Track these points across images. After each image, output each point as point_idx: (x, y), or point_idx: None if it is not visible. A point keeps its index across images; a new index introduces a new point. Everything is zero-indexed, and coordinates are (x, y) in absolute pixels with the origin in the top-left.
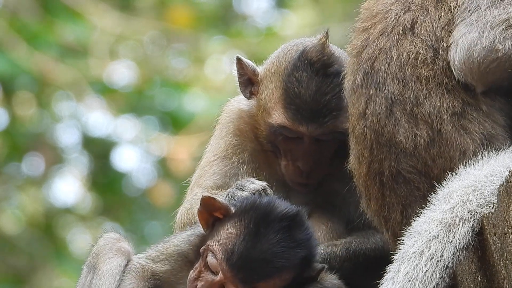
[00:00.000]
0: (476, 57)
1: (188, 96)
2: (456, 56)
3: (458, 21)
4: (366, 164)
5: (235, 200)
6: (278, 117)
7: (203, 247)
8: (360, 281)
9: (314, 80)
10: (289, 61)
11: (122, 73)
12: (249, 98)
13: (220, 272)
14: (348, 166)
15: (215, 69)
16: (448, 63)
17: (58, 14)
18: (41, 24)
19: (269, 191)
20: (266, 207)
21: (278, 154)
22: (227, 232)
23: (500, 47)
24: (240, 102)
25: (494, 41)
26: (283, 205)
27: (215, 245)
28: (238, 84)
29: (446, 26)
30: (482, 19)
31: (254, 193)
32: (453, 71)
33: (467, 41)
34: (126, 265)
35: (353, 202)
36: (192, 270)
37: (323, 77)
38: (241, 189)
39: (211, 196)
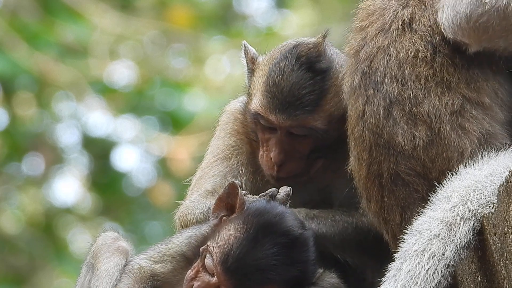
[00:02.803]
0: (463, 12)
1: (188, 96)
2: (443, 16)
3: None
4: (365, 166)
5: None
6: (255, 103)
7: (203, 247)
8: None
9: (296, 72)
10: (280, 52)
11: (122, 73)
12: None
13: (215, 275)
14: (349, 168)
15: (215, 69)
16: (449, 59)
17: (58, 14)
18: (41, 24)
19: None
20: (273, 218)
21: (258, 143)
22: (228, 233)
23: (487, 0)
24: (239, 102)
25: None
26: (292, 223)
27: (214, 246)
28: (246, 72)
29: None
30: None
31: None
32: (444, 33)
33: (452, 0)
34: (125, 265)
35: (353, 203)
36: (190, 270)
37: (305, 72)
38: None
39: (239, 185)
